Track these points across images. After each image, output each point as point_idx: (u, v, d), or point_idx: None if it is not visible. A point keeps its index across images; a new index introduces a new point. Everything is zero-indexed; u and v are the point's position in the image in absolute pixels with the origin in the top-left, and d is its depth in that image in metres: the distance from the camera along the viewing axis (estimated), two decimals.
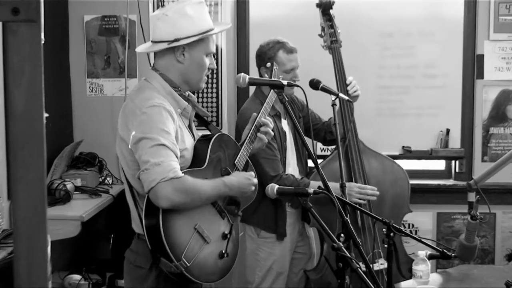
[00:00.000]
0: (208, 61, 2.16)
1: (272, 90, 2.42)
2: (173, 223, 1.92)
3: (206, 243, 2.02)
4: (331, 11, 3.05)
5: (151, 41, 2.17)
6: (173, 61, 2.12)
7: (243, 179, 2.13)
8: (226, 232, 2.13)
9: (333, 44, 3.03)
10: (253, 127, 2.30)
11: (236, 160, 2.22)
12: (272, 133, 2.34)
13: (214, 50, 2.19)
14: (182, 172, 1.95)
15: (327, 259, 2.44)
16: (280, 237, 2.93)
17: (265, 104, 2.41)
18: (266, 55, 2.90)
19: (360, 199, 2.84)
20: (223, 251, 2.09)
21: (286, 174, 2.85)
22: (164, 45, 2.09)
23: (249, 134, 2.29)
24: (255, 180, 2.19)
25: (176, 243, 1.91)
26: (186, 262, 1.91)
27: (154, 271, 2.01)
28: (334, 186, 2.62)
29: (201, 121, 2.33)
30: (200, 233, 2.00)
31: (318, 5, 3.06)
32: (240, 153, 2.24)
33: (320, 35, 3.08)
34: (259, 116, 2.33)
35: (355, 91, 2.98)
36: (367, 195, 2.86)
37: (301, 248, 3.09)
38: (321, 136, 3.17)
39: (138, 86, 2.18)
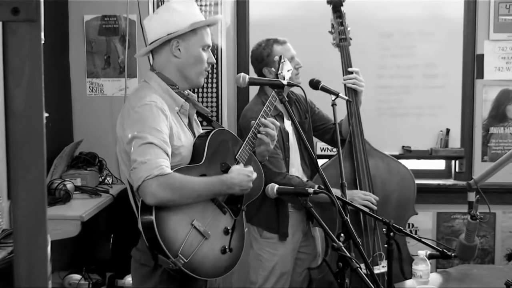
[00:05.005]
0: (206, 55, 2.17)
1: (272, 93, 2.40)
2: (168, 220, 1.93)
3: (205, 238, 2.01)
4: (342, 8, 3.02)
5: (148, 44, 2.21)
6: (170, 56, 2.14)
7: (243, 177, 2.11)
8: (228, 228, 2.12)
9: (342, 42, 3.00)
10: (253, 128, 2.27)
11: (238, 155, 2.20)
12: (274, 132, 2.28)
13: (209, 43, 2.20)
14: (178, 169, 1.96)
15: (327, 262, 2.44)
16: (282, 237, 2.93)
17: (264, 108, 2.35)
18: (263, 55, 2.91)
19: (361, 204, 2.80)
20: (226, 247, 2.09)
21: (291, 175, 2.84)
22: (158, 42, 2.13)
23: (251, 131, 2.27)
24: (254, 176, 2.16)
25: (172, 240, 1.91)
26: (184, 258, 1.91)
27: (159, 269, 2.02)
28: (336, 192, 2.62)
29: (205, 119, 2.34)
30: (198, 229, 1.99)
31: (328, 2, 3.04)
32: (241, 148, 2.22)
33: (330, 32, 3.05)
34: (258, 118, 2.30)
35: (352, 84, 2.94)
36: (370, 203, 2.83)
37: (305, 248, 3.08)
38: (329, 136, 3.13)
39: (136, 87, 2.23)
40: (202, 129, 2.30)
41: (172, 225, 1.94)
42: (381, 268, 2.82)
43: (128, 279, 3.24)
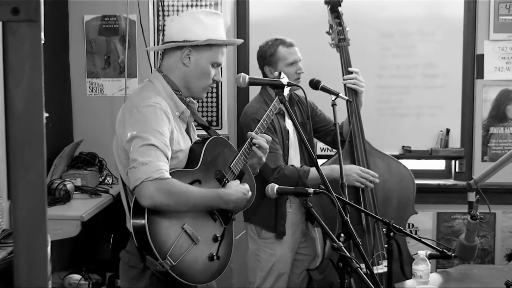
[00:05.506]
0: (213, 72, 2.17)
1: (273, 102, 2.41)
2: (159, 222, 1.92)
3: (194, 243, 2.00)
4: (339, 9, 3.02)
5: (163, 42, 2.21)
6: (178, 62, 2.14)
7: (240, 194, 2.11)
8: (217, 235, 2.11)
9: (341, 42, 3.00)
10: (249, 139, 2.26)
11: (232, 164, 2.20)
12: (266, 145, 2.27)
13: (221, 62, 2.19)
14: (172, 172, 1.95)
15: (333, 261, 2.43)
16: (279, 236, 2.92)
17: (261, 121, 2.34)
18: (267, 53, 2.93)
19: (358, 182, 2.81)
20: (214, 254, 2.07)
21: (286, 166, 2.85)
22: (172, 45, 2.13)
23: (247, 142, 2.26)
24: (249, 194, 2.17)
25: (162, 242, 1.91)
26: (172, 261, 1.89)
27: (148, 271, 2.00)
28: (335, 168, 2.61)
29: (202, 127, 2.33)
30: (188, 233, 1.98)
31: (326, 2, 3.03)
32: (237, 157, 2.22)
33: (328, 33, 3.05)
34: (254, 131, 2.29)
35: (353, 84, 2.95)
36: (368, 180, 2.82)
37: (304, 249, 3.08)
38: (330, 137, 3.12)
39: (140, 85, 2.20)
40: (198, 135, 2.29)
41: (163, 227, 1.93)
42: (384, 267, 2.82)
43: None
